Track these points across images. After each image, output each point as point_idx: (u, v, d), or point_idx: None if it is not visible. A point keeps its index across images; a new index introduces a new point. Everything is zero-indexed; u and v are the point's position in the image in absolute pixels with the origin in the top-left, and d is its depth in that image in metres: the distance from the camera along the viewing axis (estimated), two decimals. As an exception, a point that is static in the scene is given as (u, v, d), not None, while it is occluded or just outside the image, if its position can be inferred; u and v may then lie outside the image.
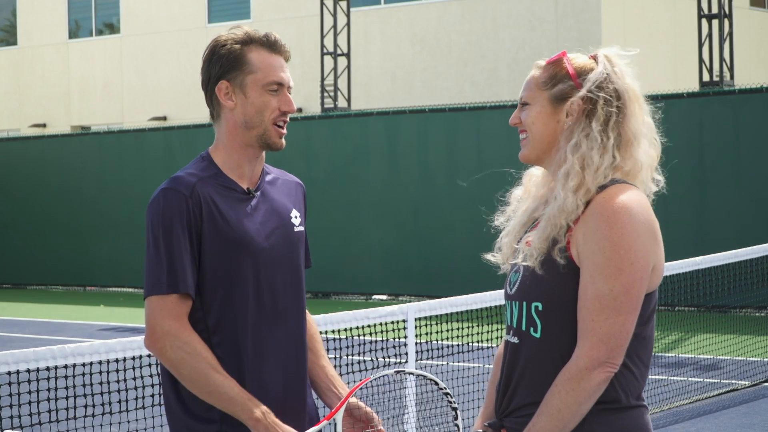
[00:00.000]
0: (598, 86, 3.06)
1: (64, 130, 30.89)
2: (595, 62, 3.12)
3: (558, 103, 3.09)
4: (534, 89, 3.14)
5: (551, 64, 3.14)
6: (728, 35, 19.11)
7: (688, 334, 14.48)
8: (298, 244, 3.53)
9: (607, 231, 2.91)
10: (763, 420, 9.47)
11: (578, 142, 3.04)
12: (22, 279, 24.79)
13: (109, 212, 23.33)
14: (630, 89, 3.09)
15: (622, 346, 2.93)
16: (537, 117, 3.11)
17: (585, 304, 2.92)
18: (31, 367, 5.23)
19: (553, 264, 2.98)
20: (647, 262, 2.94)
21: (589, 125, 3.05)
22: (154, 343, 3.28)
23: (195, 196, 3.34)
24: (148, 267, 3.33)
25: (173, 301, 3.29)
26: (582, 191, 2.99)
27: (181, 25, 30.30)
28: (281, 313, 3.44)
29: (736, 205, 16.82)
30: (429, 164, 19.64)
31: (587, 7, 24.40)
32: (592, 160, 3.01)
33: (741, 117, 16.93)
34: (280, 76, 3.43)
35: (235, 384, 3.27)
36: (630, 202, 2.95)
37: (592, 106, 3.06)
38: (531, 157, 3.15)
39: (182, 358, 3.25)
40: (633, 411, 3.01)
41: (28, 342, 14.83)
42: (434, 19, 26.28)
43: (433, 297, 17.49)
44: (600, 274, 2.90)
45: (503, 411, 3.11)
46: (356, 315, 7.08)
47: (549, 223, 3.00)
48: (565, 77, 3.10)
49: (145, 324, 3.34)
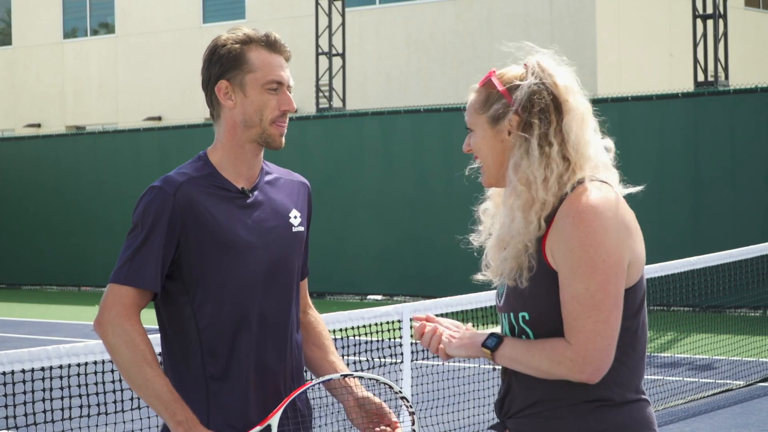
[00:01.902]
0: (529, 97, 3.04)
1: (58, 130, 30.86)
2: (526, 71, 3.09)
3: (496, 123, 3.07)
4: (473, 114, 3.13)
5: (483, 86, 3.13)
6: (723, 35, 19.12)
7: (683, 334, 14.49)
8: (296, 244, 3.52)
9: (575, 231, 2.91)
10: (758, 420, 9.48)
11: (517, 161, 3.03)
12: (16, 279, 24.77)
13: (103, 212, 23.31)
14: (565, 90, 3.05)
15: (611, 345, 2.93)
16: (482, 141, 3.11)
17: (566, 307, 2.94)
18: (26, 367, 5.23)
19: (535, 274, 3.00)
20: (620, 258, 2.94)
21: (527, 140, 3.02)
22: (98, 326, 3.35)
23: (179, 196, 3.35)
24: (119, 256, 3.37)
25: (128, 292, 3.32)
26: (536, 207, 2.98)
27: (176, 25, 30.28)
28: (271, 313, 3.44)
29: (731, 205, 16.83)
30: (424, 164, 19.64)
31: (582, 7, 24.42)
32: (535, 176, 2.99)
33: (736, 117, 16.94)
34: (280, 75, 3.43)
35: (166, 383, 3.28)
36: (595, 200, 2.94)
37: (526, 117, 3.03)
38: (491, 182, 3.15)
39: (119, 345, 3.30)
40: (630, 406, 3.01)
41: (23, 342, 14.82)
42: (429, 20, 26.29)
43: (428, 297, 17.48)
44: (574, 275, 2.91)
45: (506, 413, 3.14)
46: (351, 315, 7.08)
47: (511, 245, 3.02)
48: (497, 96, 3.08)
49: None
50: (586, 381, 2.93)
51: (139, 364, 3.27)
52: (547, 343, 2.95)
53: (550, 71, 3.07)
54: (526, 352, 2.97)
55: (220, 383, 3.38)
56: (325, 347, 3.63)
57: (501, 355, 3.03)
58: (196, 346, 3.39)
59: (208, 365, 3.38)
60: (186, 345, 3.40)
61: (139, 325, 3.32)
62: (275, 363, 3.44)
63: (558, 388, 3.00)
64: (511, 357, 3.01)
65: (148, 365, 3.27)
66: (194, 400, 3.37)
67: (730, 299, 15.47)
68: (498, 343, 3.03)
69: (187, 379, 3.40)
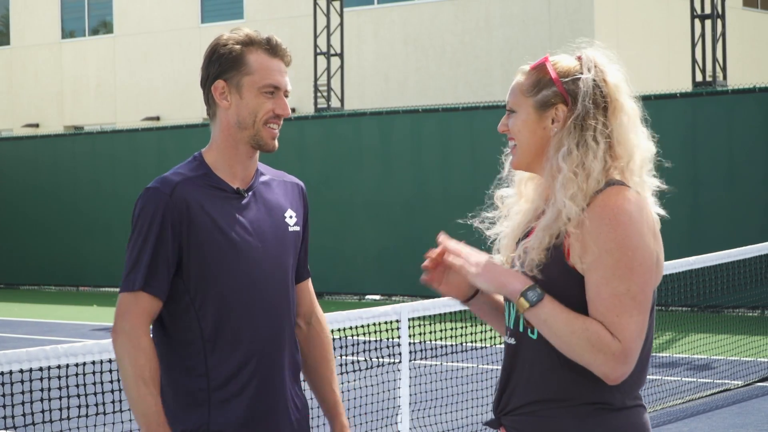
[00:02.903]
0: (583, 92, 3.04)
1: (56, 130, 30.86)
2: (580, 64, 3.08)
3: (543, 110, 3.07)
4: (519, 96, 3.12)
5: (535, 69, 3.11)
6: (721, 35, 19.13)
7: (681, 334, 14.50)
8: (291, 243, 3.53)
9: (612, 234, 2.91)
10: (756, 420, 9.48)
11: (569, 149, 3.02)
12: (14, 279, 24.76)
13: (101, 212, 23.31)
14: (616, 89, 3.07)
15: (640, 349, 2.94)
16: (523, 125, 3.10)
17: (604, 304, 2.90)
18: (24, 367, 5.22)
19: (551, 269, 2.98)
20: (653, 261, 2.96)
21: (579, 131, 3.03)
22: (112, 335, 3.38)
23: (176, 196, 3.35)
24: (126, 263, 3.39)
25: (138, 300, 3.33)
26: (579, 198, 2.98)
27: (175, 25, 30.28)
28: (268, 312, 3.44)
29: (729, 205, 16.84)
30: (422, 164, 19.64)
31: (580, 7, 24.43)
32: (584, 167, 3.00)
33: (734, 117, 16.95)
34: (277, 79, 3.44)
35: (155, 403, 3.30)
36: (628, 204, 2.95)
37: (579, 111, 3.03)
38: (521, 164, 3.14)
39: (122, 357, 3.32)
40: (628, 411, 3.00)
41: (21, 342, 14.81)
42: (427, 20, 26.29)
43: (426, 297, 17.47)
44: (613, 275, 2.90)
45: (502, 409, 3.11)
46: (350, 315, 7.08)
47: (547, 233, 2.99)
48: (548, 83, 3.08)
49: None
50: (615, 379, 2.90)
51: (135, 381, 3.30)
52: (592, 325, 2.89)
53: (602, 68, 3.08)
54: (566, 325, 2.90)
55: (221, 382, 3.39)
56: (325, 378, 3.67)
57: (535, 314, 2.94)
58: (198, 346, 3.40)
59: (209, 364, 3.39)
60: (186, 345, 3.41)
61: (146, 339, 3.32)
62: (273, 361, 3.45)
63: (561, 389, 2.98)
64: (547, 321, 2.92)
65: (143, 383, 3.29)
66: (194, 400, 3.38)
67: (729, 299, 15.48)
68: (539, 300, 2.95)
69: (187, 378, 3.40)
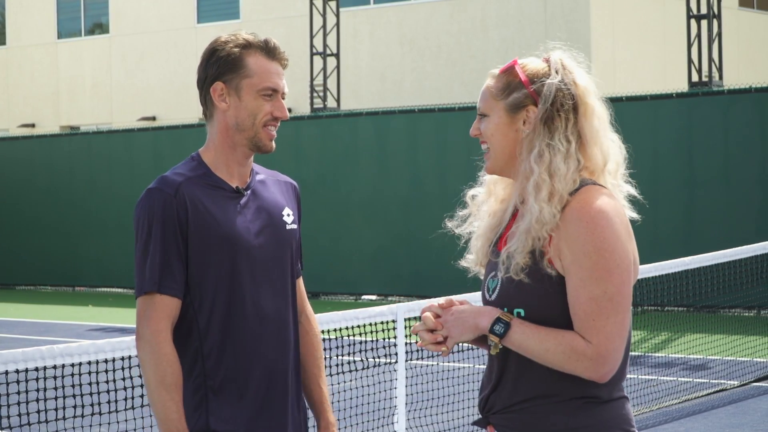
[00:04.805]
0: (553, 94, 3.06)
1: (52, 130, 30.83)
2: (548, 66, 3.11)
3: (514, 113, 3.10)
4: (490, 100, 3.14)
5: (504, 72, 3.14)
6: (717, 36, 19.14)
7: (677, 334, 14.51)
8: (290, 241, 3.56)
9: (590, 236, 2.95)
10: (751, 420, 9.49)
11: (541, 151, 3.05)
12: (10, 279, 24.74)
13: (98, 212, 23.29)
14: (585, 91, 3.09)
15: (623, 346, 2.99)
16: (496, 128, 3.12)
17: (582, 308, 2.95)
18: (20, 367, 5.22)
19: (534, 273, 3.01)
20: (630, 262, 3.00)
21: (550, 133, 3.06)
22: (136, 340, 3.39)
23: (180, 196, 3.38)
24: (136, 269, 3.40)
25: (152, 301, 3.34)
26: (555, 199, 3.01)
27: (170, 25, 30.26)
28: (269, 311, 3.46)
29: (725, 205, 16.85)
30: (418, 164, 19.65)
31: (576, 7, 24.43)
32: (558, 168, 3.03)
33: (730, 117, 16.96)
34: (276, 82, 3.47)
35: (177, 410, 3.32)
36: (605, 206, 2.98)
37: (550, 112, 3.06)
38: (496, 169, 3.17)
39: (145, 363, 3.34)
40: (615, 403, 3.06)
41: (17, 342, 14.80)
42: (423, 20, 26.29)
43: (422, 297, 17.48)
44: (590, 278, 2.94)
45: (489, 409, 3.13)
46: (346, 315, 7.08)
47: (529, 236, 3.02)
48: (518, 85, 3.10)
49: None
50: (599, 380, 2.96)
51: (157, 386, 3.31)
52: (564, 338, 2.95)
53: (570, 70, 3.11)
54: (540, 344, 2.96)
55: (221, 381, 3.41)
56: (313, 375, 3.64)
57: (509, 342, 3.01)
58: (196, 344, 3.42)
59: (208, 363, 3.41)
60: (186, 345, 3.42)
61: (167, 345, 3.34)
62: (276, 359, 3.46)
63: (550, 385, 3.02)
64: (521, 346, 2.99)
65: (164, 389, 3.31)
66: (194, 400, 3.39)
67: (724, 299, 15.49)
68: (506, 330, 3.01)
69: (187, 379, 3.42)
